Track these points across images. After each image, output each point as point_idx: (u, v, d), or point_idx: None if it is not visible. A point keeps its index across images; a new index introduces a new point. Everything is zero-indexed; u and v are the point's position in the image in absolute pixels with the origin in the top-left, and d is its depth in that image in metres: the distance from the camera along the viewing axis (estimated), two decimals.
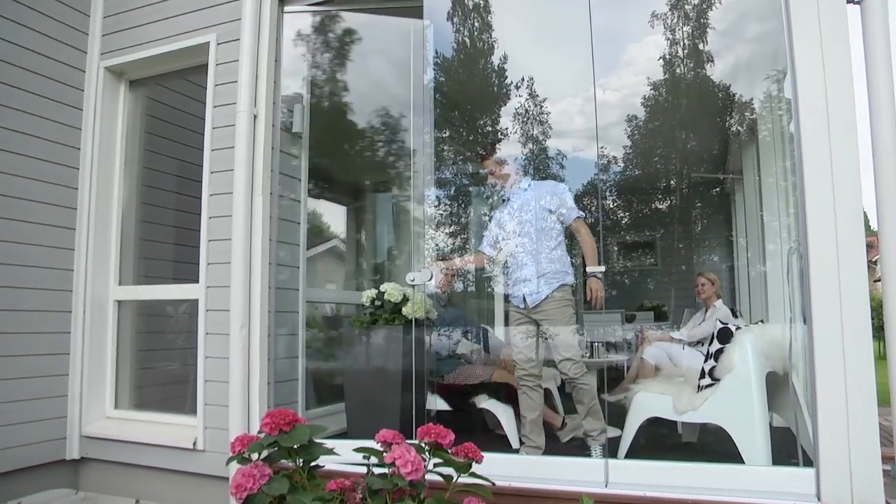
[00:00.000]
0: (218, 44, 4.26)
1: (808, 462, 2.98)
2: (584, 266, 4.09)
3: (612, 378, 5.49)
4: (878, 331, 3.04)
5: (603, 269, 4.01)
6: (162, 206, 5.15)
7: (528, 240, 4.20)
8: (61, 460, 4.40)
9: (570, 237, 4.24)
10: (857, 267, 2.88)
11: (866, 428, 2.79)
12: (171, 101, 5.13)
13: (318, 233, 5.05)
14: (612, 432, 4.20)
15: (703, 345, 5.48)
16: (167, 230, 5.20)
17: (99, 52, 4.68)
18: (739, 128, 7.37)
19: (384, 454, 2.45)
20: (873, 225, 2.96)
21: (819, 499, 2.85)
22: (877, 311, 3.10)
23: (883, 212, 2.92)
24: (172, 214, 5.22)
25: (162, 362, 5.08)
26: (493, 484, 2.62)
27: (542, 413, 4.12)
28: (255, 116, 4.04)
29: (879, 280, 2.95)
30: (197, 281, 4.20)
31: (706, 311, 5.83)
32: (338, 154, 5.74)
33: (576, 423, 4.74)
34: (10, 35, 4.18)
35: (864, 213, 3.02)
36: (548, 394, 5.81)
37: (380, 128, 5.91)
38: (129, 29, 4.60)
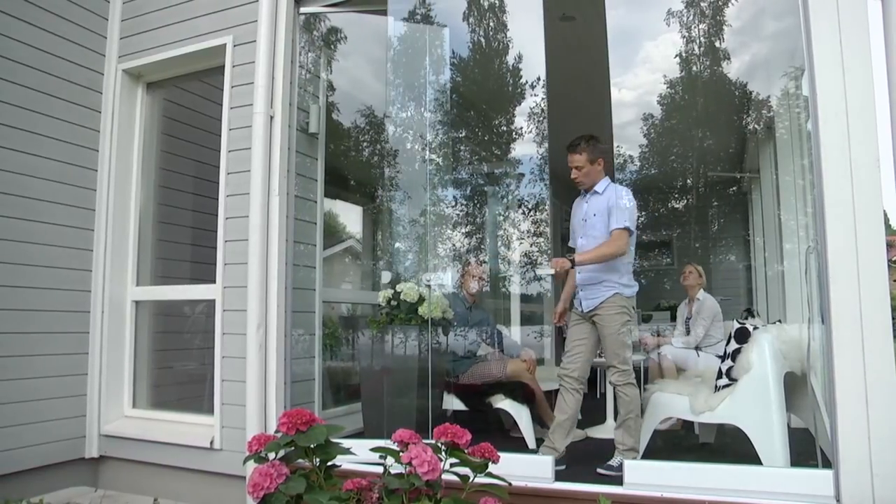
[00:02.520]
0: (234, 45, 4.28)
1: (827, 463, 2.95)
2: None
3: None
4: None
5: (578, 261, 3.90)
6: (179, 207, 5.18)
7: (590, 243, 4.01)
8: (80, 458, 4.45)
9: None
10: (876, 266, 2.84)
11: (887, 428, 2.76)
12: (187, 103, 5.16)
13: (333, 233, 5.06)
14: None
15: (711, 346, 5.46)
16: (184, 231, 5.23)
17: (117, 55, 4.73)
18: (756, 126, 7.32)
19: (401, 454, 2.46)
20: (894, 224, 2.93)
21: (838, 500, 2.82)
22: None
23: None
24: (189, 215, 5.25)
25: (179, 362, 5.11)
26: (510, 484, 2.62)
27: (573, 419, 4.04)
28: (271, 117, 4.06)
29: None
30: (214, 281, 4.23)
31: (691, 303, 5.79)
32: (353, 155, 5.76)
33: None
34: (29, 38, 4.23)
35: (884, 211, 2.98)
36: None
37: (394, 128, 5.93)
38: (147, 32, 4.64)
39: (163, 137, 5.01)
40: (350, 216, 5.70)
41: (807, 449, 3.41)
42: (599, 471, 3.77)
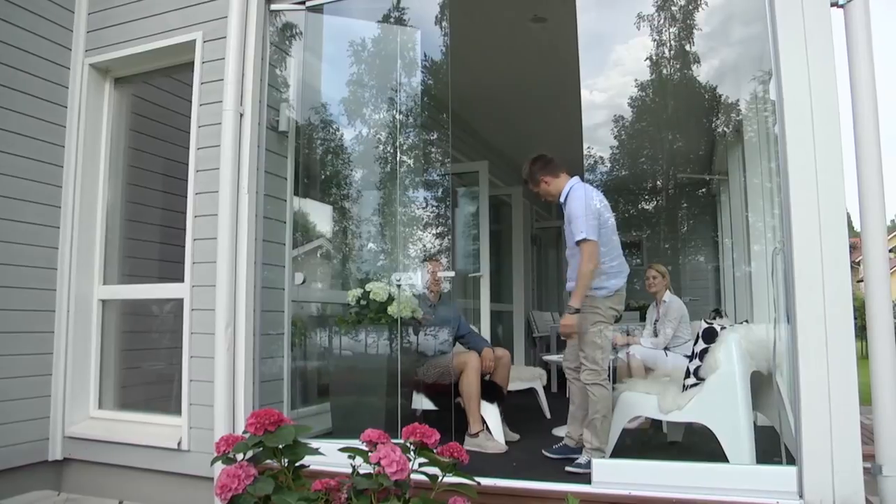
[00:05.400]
0: (204, 41, 4.23)
1: (792, 460, 3.01)
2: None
3: None
4: (861, 331, 3.08)
5: (577, 306, 3.87)
6: (147, 205, 5.11)
7: (570, 255, 4.08)
8: (43, 461, 4.36)
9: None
10: (840, 268, 2.91)
11: (848, 427, 2.83)
12: (157, 99, 5.09)
13: (304, 232, 5.03)
14: None
15: (679, 346, 5.52)
16: (152, 229, 5.17)
17: (84, 49, 4.64)
18: (725, 129, 7.41)
19: (369, 454, 2.45)
20: (856, 226, 2.99)
21: (801, 496, 2.87)
22: (859, 311, 3.14)
23: (866, 213, 2.95)
24: (158, 213, 5.18)
25: (147, 362, 5.05)
26: (479, 483, 2.63)
27: (583, 407, 4.04)
28: (241, 115, 4.02)
29: (862, 281, 2.98)
30: (182, 280, 4.18)
31: (658, 306, 5.85)
32: (324, 154, 5.74)
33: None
34: None
35: (848, 214, 3.04)
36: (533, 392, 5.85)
37: (367, 129, 5.92)
38: (115, 26, 4.56)
39: (131, 134, 4.94)
40: (320, 215, 5.67)
41: (772, 447, 3.46)
42: (568, 469, 3.80)
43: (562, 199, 4.11)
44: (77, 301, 4.52)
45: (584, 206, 3.92)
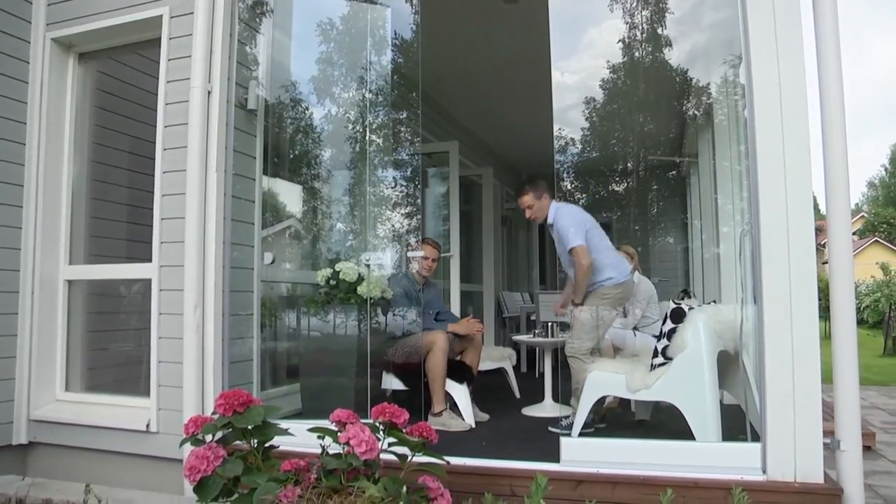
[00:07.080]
0: (171, 17, 4.15)
1: (756, 437, 3.08)
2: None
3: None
4: (825, 311, 3.14)
5: (579, 301, 4.44)
6: (114, 184, 5.02)
7: (567, 269, 4.58)
8: (7, 445, 4.30)
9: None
10: (805, 250, 2.97)
11: (810, 404, 2.90)
12: (123, 76, 4.98)
13: (273, 212, 4.99)
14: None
15: (647, 326, 5.58)
16: (119, 208, 5.08)
17: (45, 23, 4.52)
18: (696, 112, 7.44)
19: (339, 434, 2.45)
20: (822, 209, 3.05)
21: (764, 472, 2.95)
22: (824, 292, 3.20)
23: (831, 196, 3.00)
24: (125, 192, 5.09)
25: (114, 343, 4.98)
26: (448, 463, 2.64)
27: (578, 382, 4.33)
28: (209, 92, 3.96)
29: (827, 262, 3.04)
30: (150, 260, 4.13)
31: None
32: (293, 133, 5.68)
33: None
34: None
35: (814, 197, 3.09)
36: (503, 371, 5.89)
37: (336, 108, 5.87)
38: None
39: (96, 111, 4.83)
40: (290, 195, 5.62)
41: (738, 424, 3.53)
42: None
43: (550, 222, 4.56)
44: (42, 281, 4.44)
45: (571, 219, 4.49)
